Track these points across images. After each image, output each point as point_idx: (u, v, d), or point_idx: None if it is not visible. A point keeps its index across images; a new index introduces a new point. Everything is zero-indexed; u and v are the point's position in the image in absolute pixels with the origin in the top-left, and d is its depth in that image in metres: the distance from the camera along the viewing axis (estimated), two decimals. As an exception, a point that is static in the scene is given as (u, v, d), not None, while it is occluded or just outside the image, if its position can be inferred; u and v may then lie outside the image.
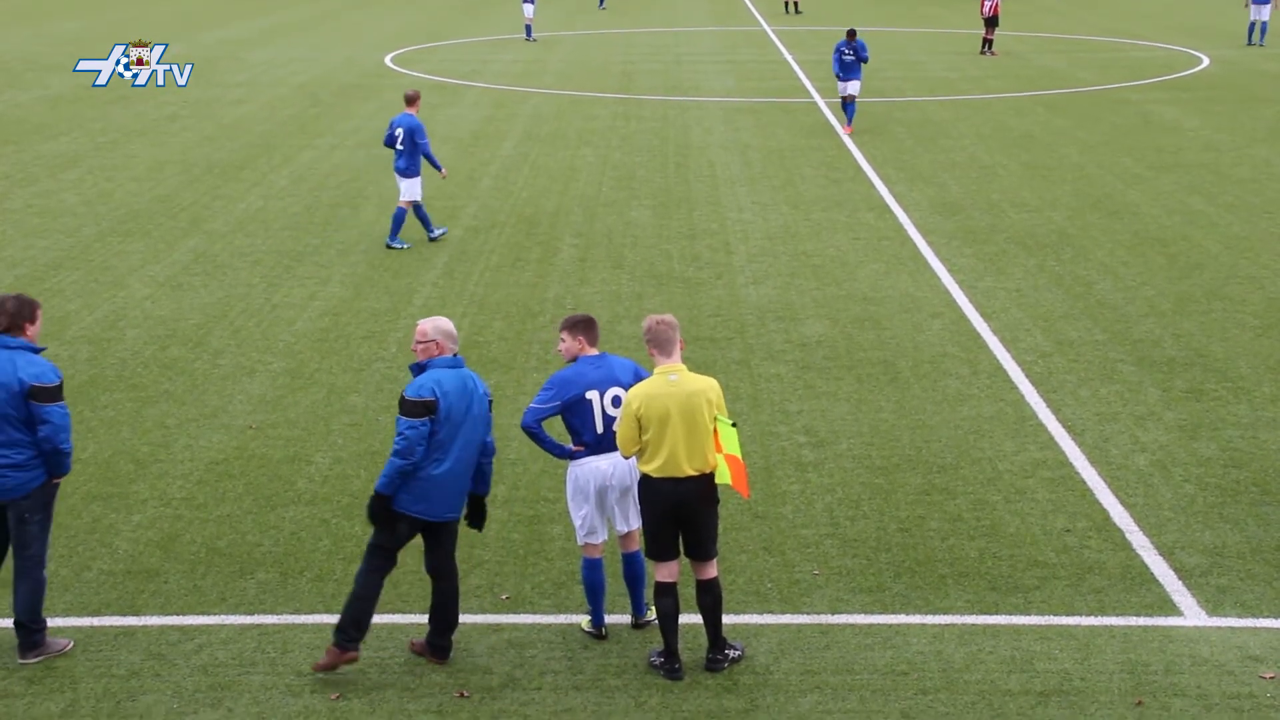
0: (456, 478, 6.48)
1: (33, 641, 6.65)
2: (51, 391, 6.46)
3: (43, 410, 6.42)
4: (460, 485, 6.53)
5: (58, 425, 6.45)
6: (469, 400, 6.45)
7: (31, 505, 6.52)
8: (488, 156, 19.95)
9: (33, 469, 6.49)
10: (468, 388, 6.47)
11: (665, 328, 6.49)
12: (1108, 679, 6.49)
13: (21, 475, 6.47)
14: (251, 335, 11.84)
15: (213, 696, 6.36)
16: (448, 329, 6.56)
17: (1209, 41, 34.62)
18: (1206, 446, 9.36)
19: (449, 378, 6.46)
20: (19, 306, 6.59)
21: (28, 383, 6.40)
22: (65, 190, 17.71)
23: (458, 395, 6.43)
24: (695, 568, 6.57)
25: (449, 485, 6.48)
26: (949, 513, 8.33)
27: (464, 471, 6.51)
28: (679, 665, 6.53)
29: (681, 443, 6.36)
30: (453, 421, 6.41)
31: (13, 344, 6.52)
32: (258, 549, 7.90)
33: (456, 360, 6.53)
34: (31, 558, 6.58)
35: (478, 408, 6.50)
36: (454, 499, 6.54)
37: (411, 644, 6.78)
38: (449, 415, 6.40)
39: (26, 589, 6.60)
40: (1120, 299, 12.83)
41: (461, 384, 6.46)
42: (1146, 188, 17.71)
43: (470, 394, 6.47)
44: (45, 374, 6.50)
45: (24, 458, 6.47)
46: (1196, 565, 7.65)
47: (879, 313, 12.40)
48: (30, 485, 6.49)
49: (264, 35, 37.24)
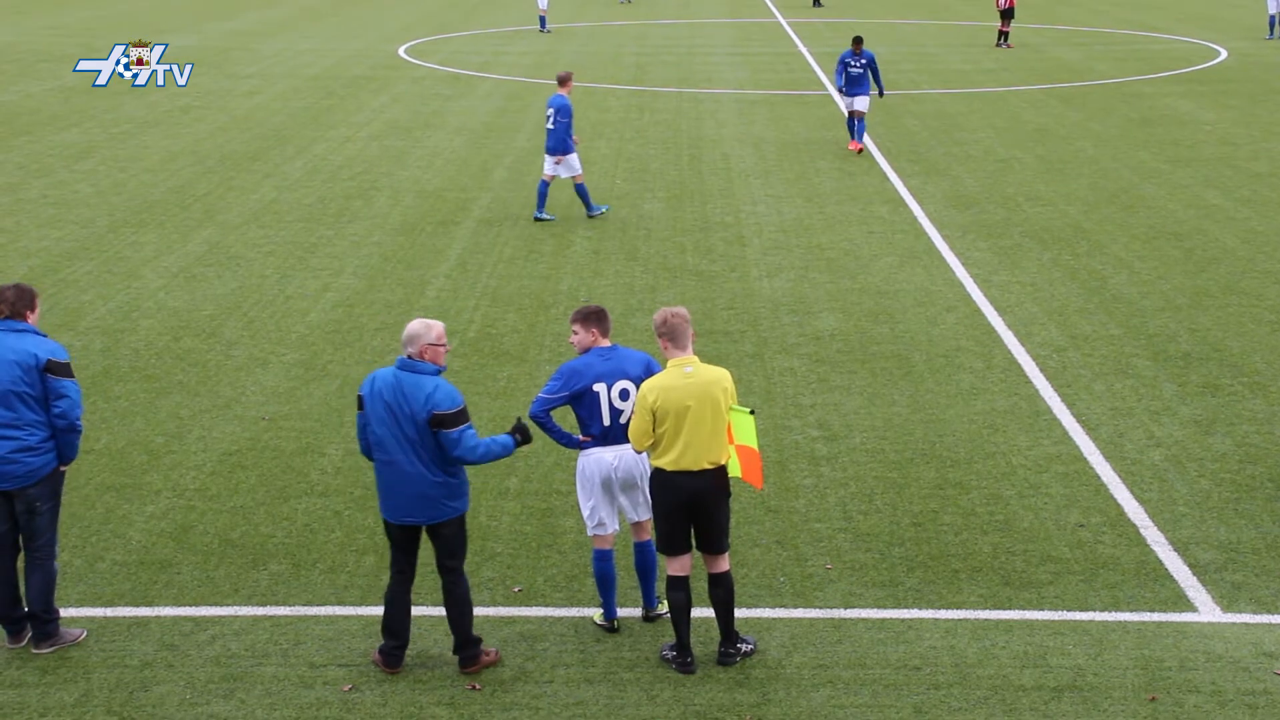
0: (402, 482, 6.32)
1: (46, 632, 6.67)
2: (67, 366, 6.59)
3: (60, 384, 6.51)
4: (411, 490, 6.33)
5: (74, 400, 6.56)
6: (393, 405, 6.27)
7: (41, 493, 6.55)
8: (501, 149, 19.92)
9: (45, 453, 6.54)
10: (396, 393, 6.28)
11: (678, 320, 6.47)
12: (1121, 675, 6.46)
13: (35, 460, 6.51)
14: (265, 326, 11.85)
15: (225, 688, 6.36)
16: (405, 331, 6.44)
17: (1227, 34, 34.35)
18: (1222, 442, 9.31)
19: (383, 377, 6.37)
20: (19, 295, 6.71)
21: (44, 358, 6.50)
22: (79, 181, 17.76)
23: (379, 396, 6.31)
24: (707, 561, 6.55)
25: (396, 488, 6.35)
26: (962, 507, 8.30)
27: (406, 475, 6.30)
28: (691, 659, 6.51)
29: (697, 435, 6.33)
30: (379, 422, 6.33)
31: (20, 327, 6.63)
32: (270, 540, 7.91)
33: (402, 362, 6.37)
34: (43, 548, 6.62)
35: (407, 414, 6.25)
36: (409, 503, 6.35)
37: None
38: (374, 416, 6.34)
39: (39, 580, 6.63)
40: (1136, 293, 12.78)
41: (390, 386, 6.31)
42: (1163, 181, 17.61)
43: (396, 399, 6.27)
44: (58, 350, 6.66)
45: (38, 439, 6.51)
46: (1211, 561, 7.61)
47: (893, 306, 12.36)
48: (42, 471, 6.54)
49: (276, 26, 37.27)
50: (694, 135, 20.96)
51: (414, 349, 6.34)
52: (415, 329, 6.38)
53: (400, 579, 6.49)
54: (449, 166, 18.70)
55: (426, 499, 6.35)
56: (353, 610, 7.09)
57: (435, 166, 18.63)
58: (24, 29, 36.05)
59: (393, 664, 6.51)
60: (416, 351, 6.33)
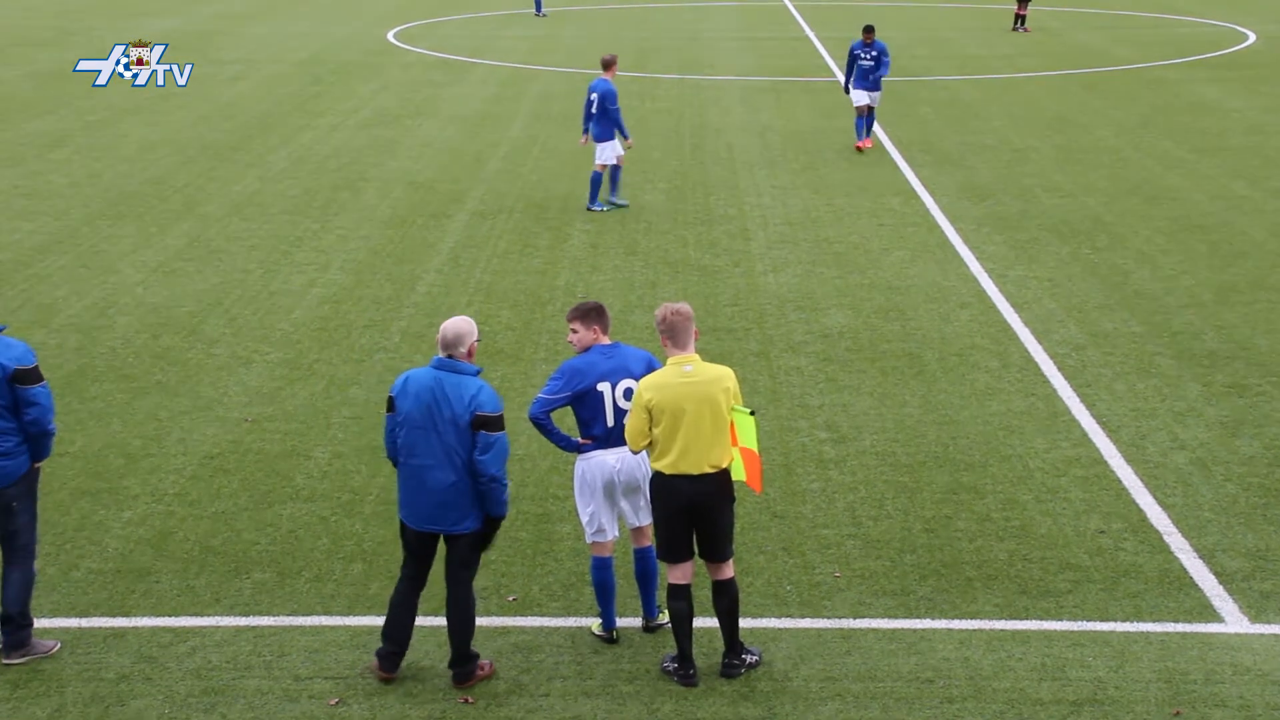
0: (429, 488, 6.26)
1: (19, 640, 6.57)
2: (34, 373, 6.46)
3: (29, 393, 6.42)
4: (437, 497, 6.27)
5: (45, 406, 6.45)
6: (432, 407, 6.21)
7: (18, 493, 6.49)
8: (495, 138, 19.75)
9: (18, 456, 6.49)
10: (435, 394, 6.23)
11: (679, 318, 6.36)
12: (1144, 688, 6.34)
13: (8, 463, 6.46)
14: (248, 324, 11.70)
15: (206, 701, 6.26)
16: (447, 330, 6.34)
17: (1256, 17, 34.07)
18: (1249, 444, 9.19)
19: (418, 378, 6.31)
20: None
21: (10, 367, 6.40)
22: (52, 171, 17.55)
23: (416, 398, 6.24)
24: (710, 569, 6.49)
25: (422, 494, 6.29)
26: (977, 513, 8.20)
27: (435, 481, 6.24)
28: (694, 671, 6.41)
29: (696, 437, 6.23)
30: (412, 425, 6.25)
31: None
32: (254, 547, 7.79)
33: (441, 362, 6.32)
34: (22, 548, 6.56)
35: (447, 417, 6.19)
36: (432, 510, 6.29)
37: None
38: (407, 418, 6.27)
39: (17, 579, 6.57)
40: (1159, 289, 12.63)
41: (428, 388, 6.24)
42: (1187, 172, 17.44)
43: (436, 401, 6.21)
44: (25, 356, 6.50)
45: (10, 445, 6.44)
46: (1238, 569, 7.50)
47: (904, 302, 12.23)
48: (16, 473, 6.49)
49: (262, 9, 37.06)
50: (697, 124, 20.84)
51: (462, 348, 6.29)
52: (462, 328, 6.31)
53: (410, 584, 6.44)
54: (441, 157, 18.52)
55: (453, 506, 6.29)
56: (339, 620, 6.99)
57: (426, 157, 18.47)
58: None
59: (388, 669, 6.43)
60: (465, 351, 6.28)
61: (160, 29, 30.50)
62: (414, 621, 6.43)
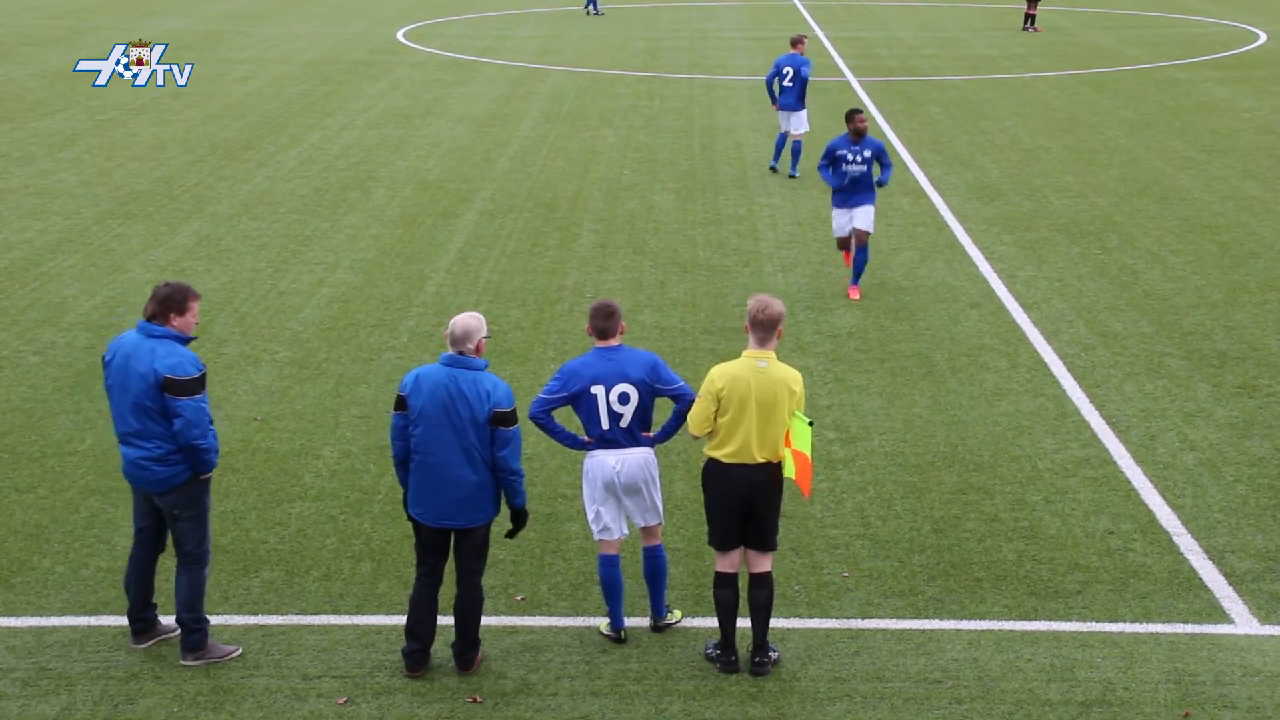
0: (450, 485, 6.27)
1: (191, 642, 6.54)
2: (184, 385, 6.32)
3: (175, 404, 6.30)
4: (459, 494, 6.29)
5: (190, 420, 6.31)
6: (448, 405, 6.20)
7: (178, 501, 6.44)
8: (505, 137, 19.71)
9: (174, 464, 6.39)
10: (450, 392, 6.21)
11: (765, 317, 6.45)
12: (1153, 689, 6.33)
13: (163, 469, 6.38)
14: (257, 323, 11.68)
15: (214, 700, 6.23)
16: (455, 326, 6.33)
17: (1267, 17, 33.85)
18: (1260, 445, 9.15)
19: (430, 375, 6.29)
20: (169, 293, 6.53)
21: (161, 373, 6.30)
22: (63, 170, 17.54)
23: (431, 396, 6.23)
24: (752, 560, 6.54)
25: (441, 491, 6.29)
26: (986, 513, 8.17)
27: (453, 478, 6.25)
28: (735, 658, 6.49)
29: (756, 429, 6.36)
30: (428, 423, 6.24)
31: (157, 332, 6.44)
32: (262, 546, 7.78)
33: (452, 358, 6.30)
34: (187, 554, 6.52)
35: (465, 416, 6.19)
36: (451, 507, 6.31)
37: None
38: (422, 415, 6.25)
39: (183, 585, 6.54)
40: (1169, 289, 12.58)
41: (443, 386, 6.22)
42: (1198, 172, 17.35)
43: (452, 398, 6.20)
44: (180, 365, 6.35)
45: (163, 451, 6.36)
46: (1248, 570, 7.47)
47: (913, 302, 12.19)
48: (174, 481, 6.40)
49: (272, 9, 37.02)
50: (706, 124, 20.78)
51: (470, 344, 6.28)
52: (470, 324, 6.31)
53: (428, 581, 6.44)
54: (450, 156, 18.46)
55: (470, 502, 6.30)
56: (348, 619, 6.96)
57: (436, 156, 18.42)
58: (5, 10, 35.80)
59: (413, 667, 6.44)
60: (474, 347, 6.27)
61: (169, 29, 30.51)
62: (436, 617, 6.44)
